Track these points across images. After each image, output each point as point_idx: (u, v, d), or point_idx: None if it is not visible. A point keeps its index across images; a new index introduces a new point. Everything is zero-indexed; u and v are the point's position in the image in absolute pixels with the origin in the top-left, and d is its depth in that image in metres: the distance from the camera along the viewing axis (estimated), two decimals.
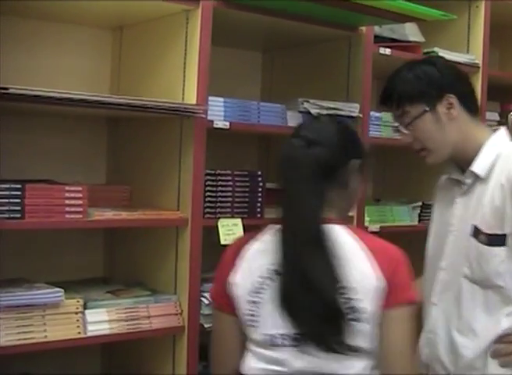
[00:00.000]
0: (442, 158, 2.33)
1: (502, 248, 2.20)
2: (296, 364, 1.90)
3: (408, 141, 2.31)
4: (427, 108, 2.24)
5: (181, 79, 2.61)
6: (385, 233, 3.39)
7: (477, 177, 2.27)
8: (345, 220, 2.05)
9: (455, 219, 2.33)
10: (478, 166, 2.26)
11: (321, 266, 1.86)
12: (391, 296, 1.88)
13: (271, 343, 1.92)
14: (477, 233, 2.24)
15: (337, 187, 1.99)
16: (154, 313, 2.56)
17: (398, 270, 1.92)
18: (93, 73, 2.94)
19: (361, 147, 2.11)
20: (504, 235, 2.20)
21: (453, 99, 2.25)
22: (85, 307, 2.42)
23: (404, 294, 1.91)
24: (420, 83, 2.26)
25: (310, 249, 1.87)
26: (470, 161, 2.28)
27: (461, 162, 2.32)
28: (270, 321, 1.91)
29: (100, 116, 2.89)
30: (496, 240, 2.22)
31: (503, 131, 2.34)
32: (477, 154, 2.27)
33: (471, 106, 2.30)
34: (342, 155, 2.00)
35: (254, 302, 1.93)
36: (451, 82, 2.29)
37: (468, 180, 2.30)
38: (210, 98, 2.62)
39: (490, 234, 2.21)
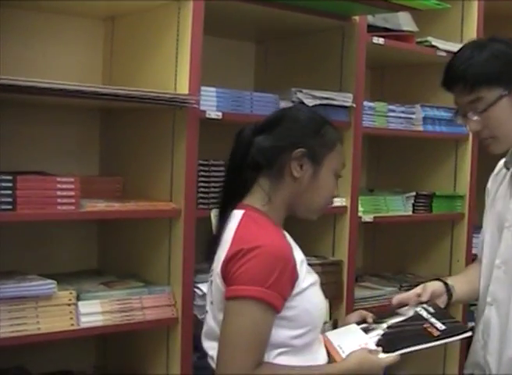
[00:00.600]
0: (507, 148, 2.19)
1: None
2: None
3: (476, 129, 2.12)
4: (504, 92, 2.05)
5: (173, 69, 2.60)
6: (378, 224, 3.40)
7: None
8: (270, 210, 1.95)
9: (510, 215, 2.20)
10: None
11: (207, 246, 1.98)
12: (227, 287, 1.82)
13: None
14: None
15: (276, 176, 1.94)
16: (148, 305, 2.55)
17: (240, 261, 1.79)
18: (85, 64, 2.92)
19: (317, 135, 1.97)
20: None
21: None
22: (78, 299, 2.41)
23: (233, 288, 1.79)
24: (497, 62, 2.05)
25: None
26: None
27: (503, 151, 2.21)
28: None
29: (92, 107, 2.87)
30: None
31: None
32: None
33: None
34: (282, 142, 1.93)
35: None
36: None
37: None
38: (202, 88, 2.61)
39: None
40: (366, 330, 2.12)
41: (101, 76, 2.94)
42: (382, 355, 1.95)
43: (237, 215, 1.94)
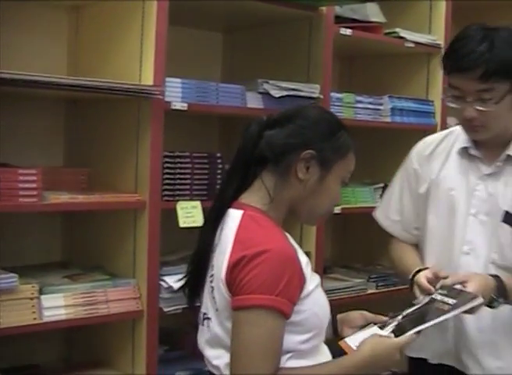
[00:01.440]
0: (489, 137, 2.21)
1: None
2: None
3: (473, 116, 2.11)
4: (510, 88, 2.08)
5: (138, 60, 2.58)
6: (347, 215, 3.39)
7: (509, 161, 2.21)
8: (271, 209, 1.83)
9: (477, 202, 2.23)
10: None
11: (200, 248, 1.87)
12: (233, 296, 1.71)
13: None
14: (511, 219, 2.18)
15: (278, 174, 1.82)
16: (113, 298, 2.54)
17: (246, 268, 1.69)
18: (50, 54, 2.88)
19: (329, 138, 1.84)
20: None
21: None
22: (41, 292, 2.38)
23: (243, 297, 1.69)
24: None
25: (205, 229, 1.87)
26: (499, 142, 2.21)
27: (491, 144, 2.23)
28: None
29: (57, 98, 2.84)
30: None
31: None
32: (510, 137, 2.21)
33: None
34: (294, 140, 1.82)
35: None
36: None
37: (499, 163, 2.22)
38: (167, 79, 2.59)
39: None
40: (383, 327, 2.04)
41: (66, 67, 2.91)
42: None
43: (236, 215, 1.81)
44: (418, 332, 1.91)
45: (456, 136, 2.36)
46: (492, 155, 2.25)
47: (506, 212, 2.19)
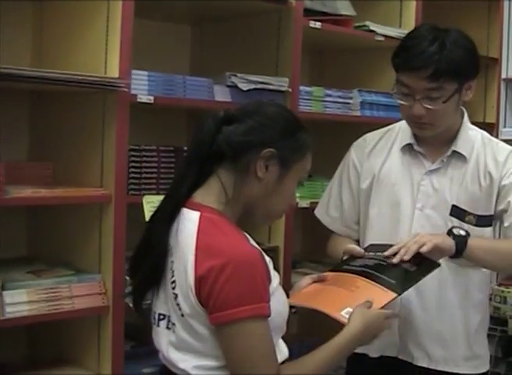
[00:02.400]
0: (435, 135, 2.29)
1: (489, 228, 2.27)
2: None
3: (421, 113, 2.19)
4: (458, 87, 2.18)
5: (103, 52, 2.54)
6: (314, 209, 3.37)
7: (454, 157, 2.28)
8: (227, 209, 1.81)
9: (423, 196, 2.30)
10: (463, 148, 2.28)
11: (156, 250, 1.80)
12: (213, 312, 1.69)
13: None
14: (460, 213, 2.25)
15: (239, 172, 1.79)
16: (77, 293, 2.50)
17: (218, 282, 1.66)
18: (13, 45, 2.81)
19: (289, 137, 1.83)
20: (491, 216, 2.27)
21: (473, 82, 2.23)
22: (3, 288, 2.34)
23: (228, 312, 1.67)
24: (468, 61, 2.19)
25: (159, 230, 1.80)
26: (443, 139, 2.29)
27: (435, 140, 2.31)
28: None
29: (21, 90, 2.79)
30: (485, 220, 2.27)
31: (466, 114, 2.36)
32: (454, 133, 2.30)
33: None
34: (254, 138, 1.78)
35: None
36: (478, 66, 2.26)
37: (444, 159, 2.30)
38: (133, 71, 2.55)
39: (480, 215, 2.25)
40: None
41: (30, 58, 2.85)
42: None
43: (192, 217, 1.77)
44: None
45: (396, 133, 2.44)
46: (436, 151, 2.33)
47: (453, 206, 2.26)
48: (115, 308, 2.55)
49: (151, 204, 2.60)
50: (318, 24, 3.13)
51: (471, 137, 2.33)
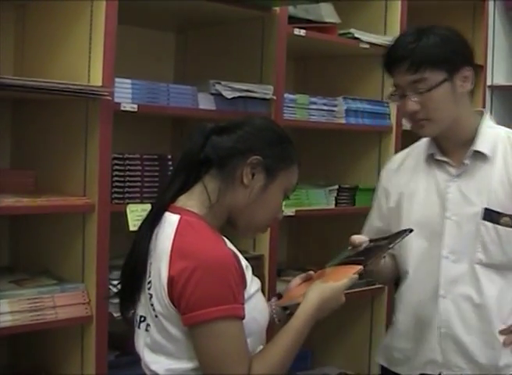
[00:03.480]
0: (439, 132, 2.24)
1: None
2: None
3: (414, 109, 2.17)
4: (447, 77, 2.14)
5: (86, 59, 2.52)
6: (300, 217, 3.37)
7: (476, 158, 2.22)
8: (210, 214, 1.83)
9: (451, 204, 2.24)
10: (483, 146, 2.21)
11: (136, 253, 1.83)
12: (186, 313, 1.70)
13: None
14: (494, 216, 2.18)
15: (221, 178, 1.82)
16: (60, 303, 2.48)
17: (190, 283, 1.68)
18: None
19: (275, 146, 1.87)
20: None
21: (469, 72, 2.18)
22: None
23: (200, 313, 1.68)
24: (446, 47, 2.15)
25: (142, 234, 1.84)
26: (464, 142, 2.23)
27: (452, 141, 2.27)
28: None
29: (3, 98, 2.76)
30: None
31: (488, 114, 2.31)
32: (472, 135, 2.23)
33: (472, 84, 2.23)
34: (241, 146, 1.83)
35: None
36: (471, 54, 2.22)
37: (467, 161, 2.23)
38: (117, 79, 2.53)
39: None
40: None
41: (13, 66, 2.83)
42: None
43: (172, 220, 1.79)
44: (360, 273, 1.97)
45: (421, 147, 2.39)
46: (459, 156, 2.27)
47: (486, 209, 2.19)
48: (98, 317, 2.53)
49: (134, 213, 2.59)
50: (302, 32, 3.13)
51: (492, 134, 2.25)
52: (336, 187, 3.43)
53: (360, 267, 1.97)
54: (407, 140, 3.60)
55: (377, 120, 3.53)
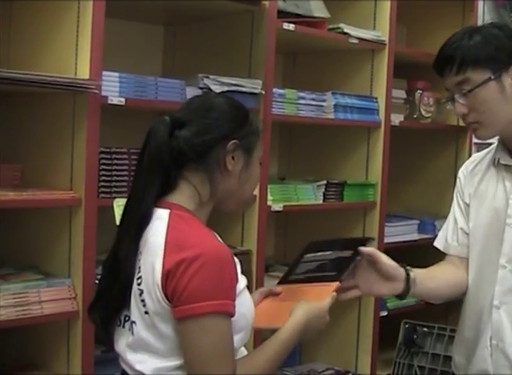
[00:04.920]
0: (493, 135, 2.15)
1: None
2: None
3: (463, 112, 2.09)
4: (492, 76, 2.03)
5: (73, 53, 2.50)
6: (288, 213, 3.36)
7: None
8: (200, 208, 1.82)
9: None
10: None
11: (125, 249, 1.77)
12: (177, 306, 1.66)
13: None
14: None
15: (208, 170, 1.80)
16: (46, 298, 2.47)
17: (185, 275, 1.65)
18: None
19: (245, 125, 1.86)
20: None
21: None
22: None
23: (192, 306, 1.65)
24: (488, 46, 2.04)
25: (128, 237, 1.78)
26: None
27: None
28: None
29: None
30: None
31: None
32: None
33: None
34: (214, 135, 1.79)
35: None
36: None
37: None
38: (104, 72, 2.52)
39: None
40: None
41: None
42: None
43: (162, 214, 1.76)
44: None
45: (494, 150, 2.29)
46: None
47: None
48: (85, 312, 2.50)
49: (121, 207, 2.54)
50: (291, 26, 3.11)
51: None
52: (324, 182, 3.41)
53: (337, 284, 2.00)
54: (395, 135, 3.62)
55: (366, 116, 3.52)
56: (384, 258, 2.11)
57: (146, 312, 1.73)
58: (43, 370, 2.66)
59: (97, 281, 2.52)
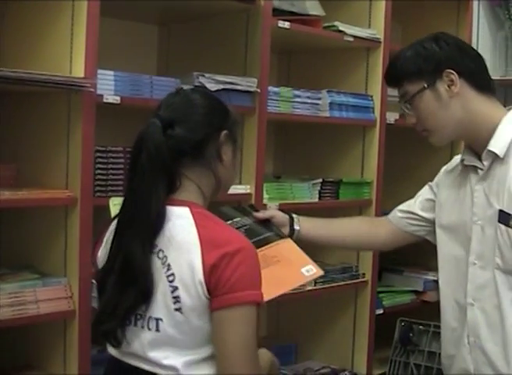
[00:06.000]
0: (447, 139, 2.24)
1: None
2: None
3: (412, 121, 2.21)
4: (425, 85, 2.14)
5: (68, 51, 2.50)
6: (283, 211, 3.34)
7: (495, 158, 2.12)
8: (205, 202, 1.90)
9: (477, 208, 2.17)
10: (496, 145, 2.11)
11: (139, 251, 1.77)
12: (219, 295, 1.72)
13: None
14: (506, 218, 2.08)
15: (206, 164, 1.86)
16: (42, 297, 2.46)
17: (229, 266, 1.71)
18: None
19: (228, 115, 1.95)
20: None
21: (453, 75, 2.12)
22: None
23: (235, 295, 1.71)
24: (417, 59, 2.16)
25: (137, 234, 1.79)
26: (485, 142, 2.14)
27: (474, 144, 2.20)
28: None
29: None
30: None
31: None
32: (491, 134, 2.13)
33: (480, 83, 2.16)
34: (208, 129, 1.87)
35: None
36: (451, 57, 2.15)
37: (486, 162, 2.15)
38: (99, 71, 2.51)
39: None
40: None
41: None
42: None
43: (182, 213, 1.81)
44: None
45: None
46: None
47: (500, 211, 2.10)
48: (81, 312, 2.51)
49: (117, 206, 2.54)
50: (286, 24, 3.11)
51: (506, 132, 2.14)
52: (320, 180, 3.41)
53: (289, 240, 2.31)
54: (391, 134, 3.62)
55: (361, 114, 3.52)
56: (279, 212, 2.51)
57: (177, 309, 1.75)
58: (39, 370, 2.66)
59: (93, 280, 2.52)
